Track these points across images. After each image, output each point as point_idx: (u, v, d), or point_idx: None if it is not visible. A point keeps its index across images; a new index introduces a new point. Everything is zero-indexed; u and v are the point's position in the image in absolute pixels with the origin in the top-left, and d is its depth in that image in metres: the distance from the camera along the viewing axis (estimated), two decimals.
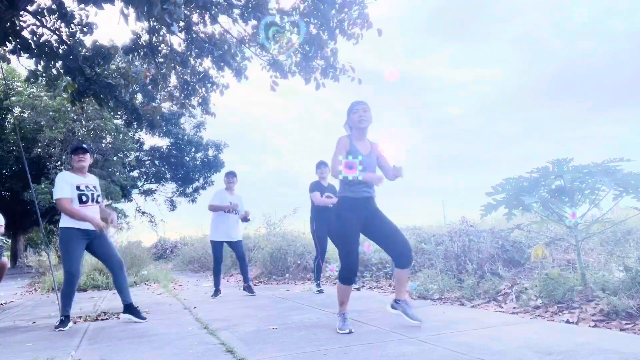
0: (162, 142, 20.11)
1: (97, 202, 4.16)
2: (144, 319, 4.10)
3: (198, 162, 20.25)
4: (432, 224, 8.80)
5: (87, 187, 4.09)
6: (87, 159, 4.16)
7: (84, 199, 4.04)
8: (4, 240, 6.07)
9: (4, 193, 18.35)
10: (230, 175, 6.13)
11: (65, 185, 4.00)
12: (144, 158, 20.35)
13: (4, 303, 6.17)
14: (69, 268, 3.93)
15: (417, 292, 4.87)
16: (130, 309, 4.14)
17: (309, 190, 5.78)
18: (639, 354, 2.34)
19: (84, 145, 4.23)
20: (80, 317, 4.40)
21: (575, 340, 2.68)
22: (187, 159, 19.92)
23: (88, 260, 8.48)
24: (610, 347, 2.48)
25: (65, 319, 3.92)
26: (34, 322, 4.38)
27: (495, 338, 2.83)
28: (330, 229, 3.41)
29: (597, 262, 4.55)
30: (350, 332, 3.14)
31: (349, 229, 3.24)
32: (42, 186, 14.25)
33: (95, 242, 4.08)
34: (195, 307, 4.85)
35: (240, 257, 5.97)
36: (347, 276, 3.24)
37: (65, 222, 4.00)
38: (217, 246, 5.94)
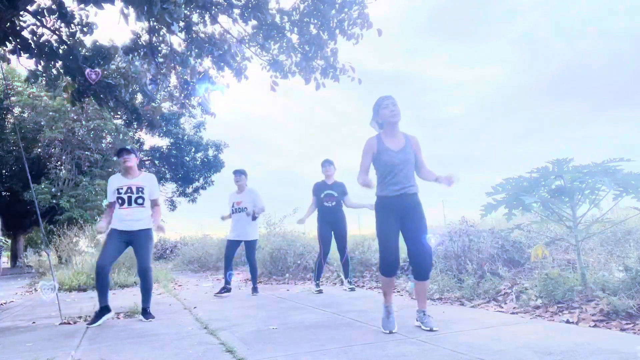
0: (162, 142, 20.12)
1: (138, 203, 4.23)
2: (147, 319, 4.17)
3: (198, 162, 20.25)
4: (432, 224, 8.79)
5: (129, 189, 4.23)
6: (132, 160, 4.29)
7: (120, 202, 4.22)
8: (3, 241, 6.08)
9: (4, 193, 18.35)
10: (236, 173, 6.15)
11: (109, 190, 4.32)
12: (144, 158, 20.34)
13: (4, 303, 6.16)
14: (97, 260, 4.14)
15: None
16: (144, 313, 4.25)
17: (312, 192, 5.90)
18: (639, 354, 2.34)
19: (128, 147, 4.35)
20: (80, 317, 4.40)
21: (575, 340, 2.68)
22: (187, 159, 19.91)
23: (88, 261, 8.49)
24: (610, 347, 2.48)
25: (101, 310, 4.08)
26: (34, 322, 4.38)
27: (495, 338, 2.83)
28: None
29: (597, 262, 4.55)
30: (391, 332, 3.13)
31: (383, 225, 3.27)
32: (42, 186, 14.25)
33: (133, 244, 4.24)
34: (195, 307, 4.85)
35: (248, 259, 6.04)
36: (384, 268, 3.27)
37: (112, 222, 4.26)
38: (227, 244, 6.02)
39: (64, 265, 9.29)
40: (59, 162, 15.57)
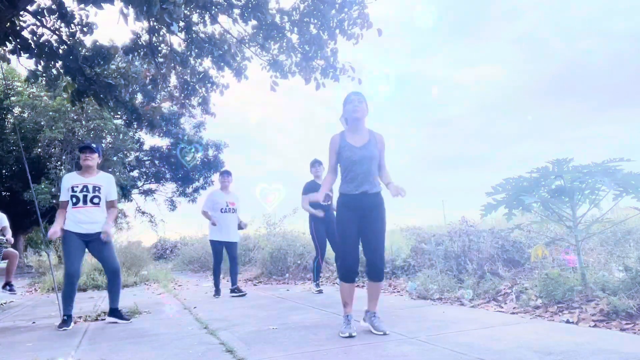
0: (162, 142, 20.12)
1: (94, 203, 4.01)
2: (127, 320, 4.10)
3: (198, 162, 20.25)
4: (432, 224, 8.79)
5: (84, 187, 4.01)
6: (94, 158, 4.09)
7: (74, 200, 3.99)
8: (5, 240, 6.10)
9: (4, 193, 18.35)
10: (225, 174, 6.11)
11: (63, 188, 4.09)
12: (144, 158, 20.34)
13: (4, 303, 6.17)
14: (66, 268, 3.95)
15: (417, 292, 4.87)
16: (114, 312, 4.12)
17: (302, 191, 5.81)
18: (639, 354, 2.34)
19: (93, 145, 4.14)
20: (80, 317, 4.40)
21: (575, 340, 2.68)
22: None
23: (88, 261, 8.49)
24: (610, 347, 2.48)
25: (67, 319, 3.93)
26: (34, 322, 4.38)
27: (495, 338, 2.83)
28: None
29: (597, 262, 4.55)
30: (351, 335, 3.03)
31: (344, 225, 3.18)
32: (42, 186, 14.24)
33: (91, 244, 4.05)
34: (195, 307, 4.85)
35: (232, 258, 5.97)
36: (343, 273, 3.18)
37: (65, 224, 4.01)
38: (216, 246, 5.94)
39: (64, 267, 9.27)
40: (59, 162, 15.56)
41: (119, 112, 13.21)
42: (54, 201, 14.11)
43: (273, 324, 3.65)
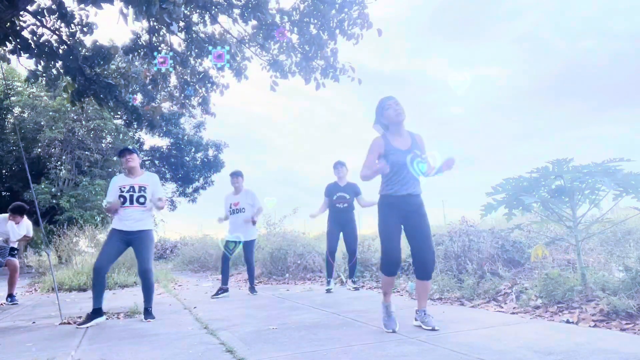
0: (162, 142, 20.11)
1: (140, 203, 4.23)
2: (148, 319, 4.17)
3: (198, 162, 20.25)
4: (432, 224, 8.79)
5: (131, 187, 4.24)
6: (135, 159, 4.31)
7: (122, 200, 4.21)
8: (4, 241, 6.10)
9: (4, 193, 18.34)
10: (233, 175, 6.17)
11: (111, 189, 4.31)
12: (144, 158, 20.34)
13: (4, 303, 6.17)
14: (95, 261, 4.13)
15: None
16: (146, 312, 4.25)
17: (324, 193, 5.98)
18: (639, 354, 2.34)
19: (130, 147, 4.37)
20: (80, 317, 4.40)
21: (575, 340, 2.68)
22: (187, 159, 19.91)
23: (88, 261, 8.49)
24: (610, 347, 2.48)
25: (92, 314, 4.05)
26: (34, 322, 4.38)
27: (495, 338, 2.83)
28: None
29: (597, 262, 4.55)
30: (394, 331, 3.12)
31: (387, 224, 3.27)
32: (42, 186, 14.25)
33: (133, 244, 4.24)
34: (195, 307, 4.85)
35: (246, 259, 6.06)
36: (386, 267, 3.27)
37: (112, 222, 4.28)
38: (226, 244, 6.04)
39: (64, 265, 9.29)
40: (59, 162, 15.57)
41: (119, 112, 13.21)
42: (54, 201, 14.12)
43: (273, 324, 3.65)
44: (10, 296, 6.16)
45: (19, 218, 6.03)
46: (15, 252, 6.25)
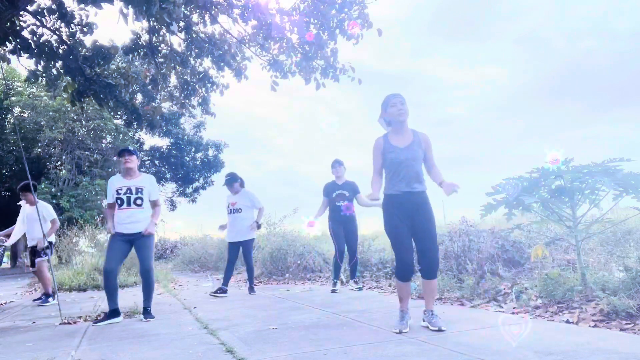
0: (162, 142, 20.12)
1: (137, 204, 4.23)
2: (148, 318, 4.19)
3: (198, 162, 20.26)
4: None
5: (128, 189, 4.24)
6: (133, 161, 4.30)
7: (119, 202, 4.23)
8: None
9: (4, 193, 18.35)
10: (227, 183, 6.14)
11: (109, 191, 4.31)
12: (144, 158, 20.35)
13: (4, 303, 6.17)
14: (104, 265, 4.17)
15: (417, 292, 4.87)
16: (145, 311, 4.27)
17: (322, 192, 5.93)
18: (639, 354, 2.34)
19: (130, 148, 4.36)
20: (80, 317, 4.40)
21: (575, 340, 2.68)
22: (187, 159, 19.91)
23: (88, 261, 8.49)
24: (610, 347, 2.48)
25: (110, 313, 4.10)
26: (34, 322, 4.38)
27: (495, 338, 2.83)
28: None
29: (597, 262, 4.55)
30: (401, 331, 3.11)
31: (394, 225, 3.24)
32: (42, 186, 14.25)
33: (135, 244, 4.27)
34: (195, 307, 4.85)
35: (245, 259, 6.05)
36: (400, 273, 3.24)
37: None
38: (229, 247, 6.04)
39: (64, 265, 9.29)
40: (59, 162, 15.57)
41: (119, 112, 13.22)
42: (54, 201, 14.11)
43: (273, 324, 3.65)
44: (46, 295, 5.82)
45: (30, 196, 5.65)
46: (45, 251, 5.70)
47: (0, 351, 3.14)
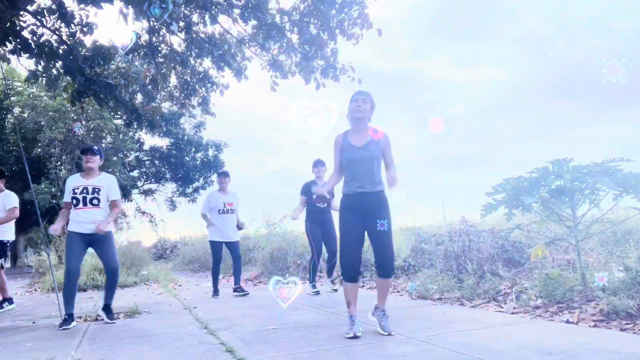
0: (162, 142, 20.11)
1: (93, 204, 4.13)
2: (112, 321, 4.14)
3: (198, 162, 20.25)
4: (432, 224, 8.79)
5: (84, 189, 4.14)
6: (95, 161, 4.23)
7: (74, 202, 4.14)
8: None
9: None
10: (222, 175, 6.15)
11: (66, 190, 4.21)
12: (144, 158, 20.35)
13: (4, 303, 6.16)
14: (66, 266, 4.08)
15: (417, 292, 4.87)
16: (105, 308, 4.24)
17: (300, 191, 5.79)
18: (639, 354, 2.34)
19: (94, 147, 4.29)
20: (80, 317, 4.40)
21: (575, 340, 2.68)
22: (187, 159, 19.90)
23: (88, 260, 8.49)
24: (610, 347, 2.48)
25: (68, 318, 3.98)
26: (34, 322, 4.38)
27: (495, 338, 2.83)
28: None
29: (597, 262, 4.55)
30: (355, 336, 3.00)
31: (343, 225, 3.21)
32: (42, 186, 14.25)
33: (95, 244, 4.19)
34: (195, 307, 4.85)
35: (236, 258, 5.98)
36: (345, 273, 3.19)
37: (69, 224, 4.18)
38: (215, 246, 5.96)
39: (64, 265, 9.28)
40: (59, 162, 15.56)
41: (119, 112, 13.22)
42: (54, 201, 14.11)
43: (273, 324, 3.65)
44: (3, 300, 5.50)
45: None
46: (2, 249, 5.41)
47: (0, 351, 3.14)
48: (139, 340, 3.27)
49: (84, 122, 15.06)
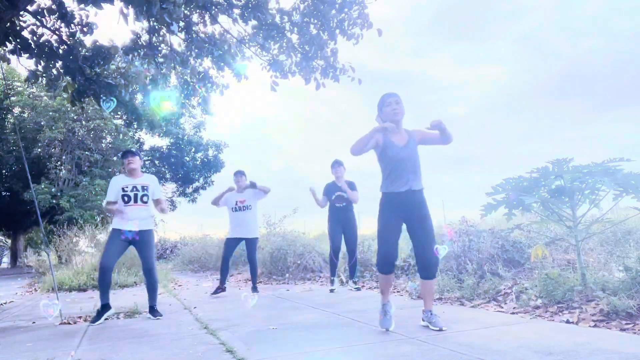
0: (162, 142, 20.13)
1: (143, 201, 4.37)
2: (159, 316, 4.28)
3: (198, 162, 20.26)
4: (433, 224, 8.77)
5: (134, 187, 4.36)
6: (136, 162, 4.44)
7: (126, 199, 4.33)
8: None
9: (4, 193, 18.35)
10: (238, 174, 6.22)
11: (111, 190, 4.38)
12: (144, 158, 20.32)
13: (4, 303, 6.16)
14: (100, 261, 4.24)
15: (417, 292, 4.87)
16: (151, 310, 4.36)
17: (322, 192, 5.99)
18: (639, 354, 2.34)
19: (132, 149, 4.47)
20: (80, 317, 4.40)
21: (575, 340, 2.68)
22: (187, 159, 19.91)
23: (88, 261, 8.49)
24: (610, 347, 2.48)
25: (101, 309, 4.17)
26: (34, 322, 4.38)
27: (495, 338, 2.83)
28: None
29: (597, 262, 4.55)
30: (387, 330, 3.10)
31: (385, 224, 3.26)
32: (42, 186, 14.25)
33: (136, 244, 4.36)
34: (195, 307, 4.85)
35: (249, 258, 6.03)
36: (381, 265, 3.26)
37: (113, 222, 4.40)
38: (229, 242, 6.04)
39: (64, 265, 9.29)
40: (59, 162, 15.56)
41: (119, 112, 13.22)
42: (54, 201, 14.11)
43: (273, 324, 3.65)
44: None
45: None
46: None
47: (0, 351, 3.14)
48: (139, 340, 3.27)
49: (84, 122, 15.06)
